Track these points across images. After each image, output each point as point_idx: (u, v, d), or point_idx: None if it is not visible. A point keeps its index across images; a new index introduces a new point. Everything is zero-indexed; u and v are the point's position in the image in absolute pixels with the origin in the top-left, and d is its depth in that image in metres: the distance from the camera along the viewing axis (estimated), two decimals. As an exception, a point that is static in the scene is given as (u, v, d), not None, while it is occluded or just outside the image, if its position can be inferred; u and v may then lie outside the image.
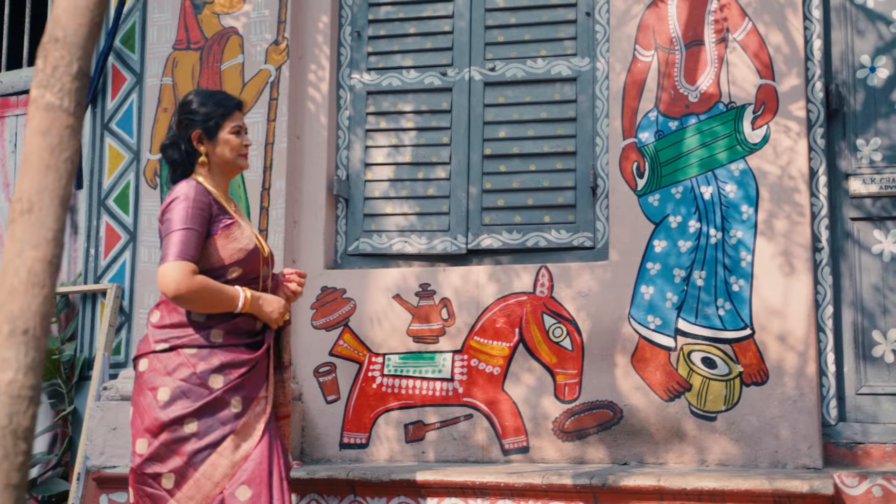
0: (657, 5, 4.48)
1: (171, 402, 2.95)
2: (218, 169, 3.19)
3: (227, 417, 2.98)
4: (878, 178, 4.30)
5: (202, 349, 3.00)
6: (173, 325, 3.04)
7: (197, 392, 2.96)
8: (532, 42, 4.69)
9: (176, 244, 2.96)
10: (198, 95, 3.20)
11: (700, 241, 4.29)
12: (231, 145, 3.16)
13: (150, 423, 2.96)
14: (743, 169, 4.29)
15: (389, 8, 4.86)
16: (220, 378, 2.98)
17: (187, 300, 2.98)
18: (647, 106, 4.43)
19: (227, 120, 3.16)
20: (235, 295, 3.02)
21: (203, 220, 3.01)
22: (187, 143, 3.15)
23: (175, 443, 2.94)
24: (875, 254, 4.28)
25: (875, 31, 4.40)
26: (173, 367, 2.98)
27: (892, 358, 4.21)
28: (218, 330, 3.03)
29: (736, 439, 4.12)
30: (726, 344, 4.19)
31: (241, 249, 3.08)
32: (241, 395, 3.01)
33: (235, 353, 3.03)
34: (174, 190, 3.07)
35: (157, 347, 3.02)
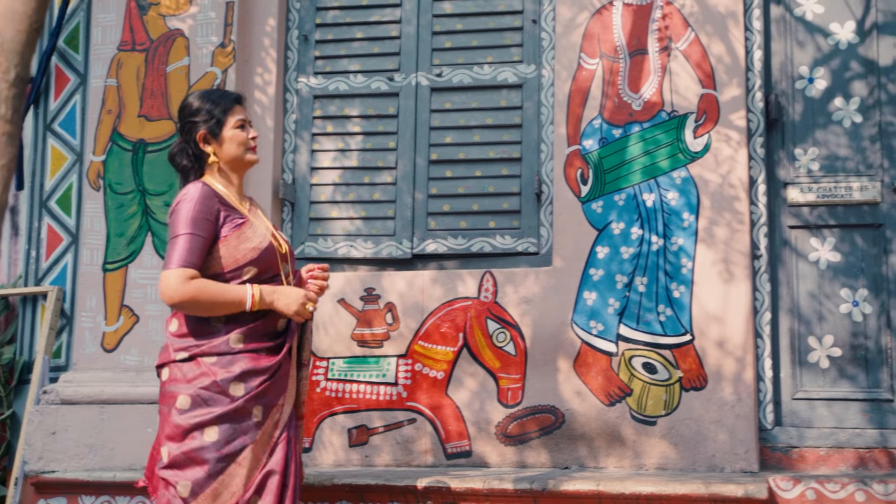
0: (602, 14, 4.53)
1: (190, 410, 2.90)
2: (228, 167, 3.13)
3: (247, 427, 2.93)
4: (816, 187, 4.39)
5: (223, 356, 2.93)
6: (191, 333, 2.97)
7: (217, 400, 2.90)
8: (479, 48, 4.72)
9: (176, 250, 2.92)
10: (195, 97, 3.14)
11: (642, 247, 4.34)
12: (238, 140, 3.11)
13: (170, 430, 2.92)
14: (685, 177, 4.36)
15: (337, 12, 4.86)
16: (241, 386, 2.92)
17: (186, 307, 2.93)
18: (591, 113, 4.48)
19: (229, 115, 3.10)
20: (242, 294, 2.95)
21: (207, 223, 2.95)
22: (194, 146, 3.10)
23: (194, 451, 2.89)
24: (812, 261, 4.36)
25: (814, 43, 4.49)
26: (193, 376, 2.92)
27: (827, 364, 4.29)
28: (237, 334, 2.96)
29: (675, 444, 4.18)
30: (667, 349, 4.25)
31: (253, 248, 3.01)
32: (263, 403, 2.95)
33: (256, 359, 2.96)
34: (180, 194, 3.02)
35: (176, 357, 2.96)
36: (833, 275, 4.33)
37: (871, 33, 4.43)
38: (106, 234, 4.68)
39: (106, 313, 4.62)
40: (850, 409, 4.25)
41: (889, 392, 4.22)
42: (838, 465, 4.14)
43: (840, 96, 4.43)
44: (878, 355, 4.25)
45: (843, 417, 4.25)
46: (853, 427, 4.23)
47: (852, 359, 4.27)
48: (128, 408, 4.46)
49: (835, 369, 4.29)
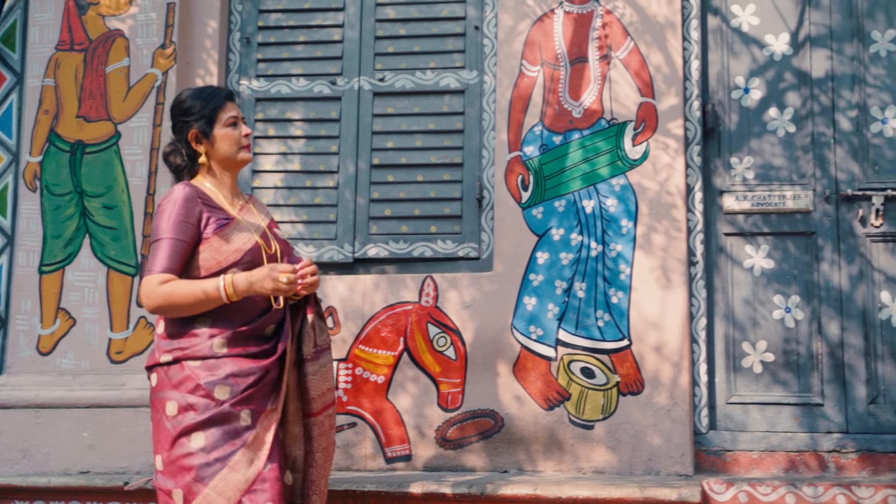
0: (543, 22, 4.58)
1: (178, 415, 2.86)
2: (220, 166, 3.07)
3: (235, 431, 2.86)
4: (751, 195, 4.48)
5: (206, 360, 2.89)
6: (176, 335, 2.93)
7: (203, 405, 2.85)
8: (421, 54, 4.74)
9: (154, 256, 2.90)
10: (186, 95, 3.08)
11: (581, 253, 4.40)
12: (230, 139, 3.05)
13: (161, 437, 2.90)
14: (623, 184, 4.42)
15: (279, 15, 4.85)
16: (226, 389, 2.87)
17: (164, 311, 2.89)
18: (532, 120, 4.52)
19: (221, 112, 3.05)
20: (214, 286, 2.86)
21: (189, 226, 2.90)
22: (186, 145, 3.05)
23: (183, 457, 2.84)
24: (746, 268, 4.45)
25: (749, 54, 4.58)
26: (178, 380, 2.88)
27: (760, 368, 4.38)
28: (221, 339, 2.91)
29: (612, 447, 4.23)
30: (605, 354, 4.30)
31: (236, 250, 2.95)
32: (251, 408, 2.89)
33: (241, 362, 2.90)
34: (164, 196, 2.98)
35: (162, 359, 2.92)
36: (767, 281, 4.42)
37: (805, 45, 4.54)
38: (42, 235, 4.62)
39: (42, 316, 4.56)
40: (782, 414, 4.34)
41: (819, 397, 4.32)
42: (770, 469, 4.23)
43: (774, 106, 4.53)
44: (810, 360, 4.34)
45: (775, 421, 4.34)
46: (785, 431, 4.32)
47: (784, 364, 4.37)
48: (64, 412, 4.41)
49: (768, 374, 4.38)
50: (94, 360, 4.52)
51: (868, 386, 4.29)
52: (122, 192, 4.60)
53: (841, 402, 4.30)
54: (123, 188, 4.60)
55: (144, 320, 4.51)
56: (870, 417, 4.27)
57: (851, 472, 4.17)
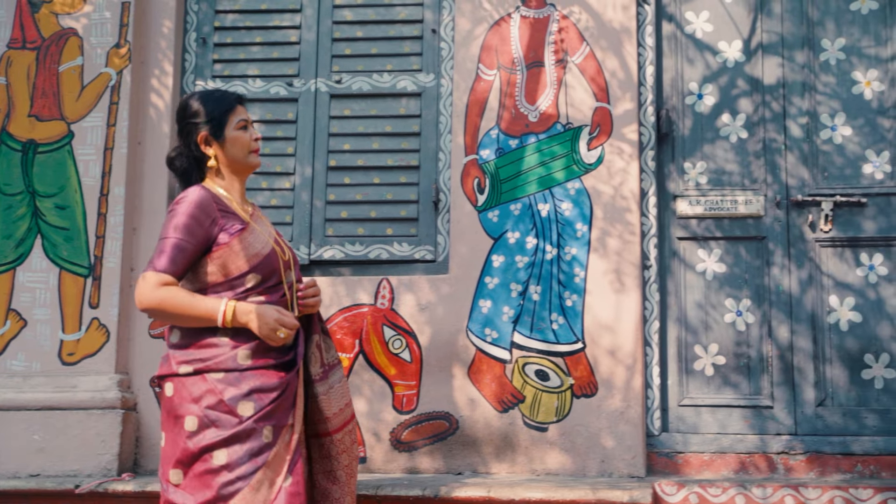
0: (500, 26, 4.60)
1: (198, 432, 2.74)
2: (229, 170, 2.98)
3: (258, 448, 2.76)
4: (704, 199, 4.53)
5: (229, 373, 2.77)
6: (195, 344, 2.80)
7: (225, 421, 2.74)
8: (378, 56, 4.74)
9: (158, 254, 2.78)
10: (194, 97, 2.98)
11: (536, 256, 4.42)
12: (241, 143, 2.97)
13: (180, 454, 2.76)
14: (578, 188, 4.45)
15: (236, 16, 4.83)
16: (249, 405, 2.76)
17: (153, 314, 2.79)
18: (488, 124, 4.54)
19: (231, 115, 2.96)
20: (214, 309, 2.76)
21: (200, 231, 2.80)
22: (194, 148, 2.95)
23: (204, 474, 2.73)
24: (699, 272, 4.51)
25: (703, 61, 4.64)
26: (199, 393, 2.75)
27: (711, 371, 4.44)
28: (245, 350, 2.80)
29: (566, 449, 4.27)
30: (559, 357, 4.34)
31: (255, 255, 2.85)
32: (272, 424, 2.79)
33: (265, 376, 2.79)
34: (177, 198, 2.88)
35: (180, 370, 2.78)
36: (719, 285, 4.48)
37: (757, 53, 4.60)
38: (-7, 236, 4.57)
39: (-8, 317, 4.51)
40: (732, 416, 4.40)
41: (769, 399, 4.38)
42: (721, 470, 4.29)
43: (727, 112, 4.59)
44: (760, 363, 4.41)
45: (726, 423, 4.40)
46: (735, 433, 4.38)
47: (735, 367, 4.43)
48: (13, 414, 4.35)
49: (719, 377, 4.43)
50: (46, 361, 4.47)
51: (816, 388, 4.36)
52: (74, 193, 4.55)
53: (790, 404, 4.36)
54: (76, 188, 4.56)
55: (97, 322, 4.47)
56: (818, 419, 4.35)
57: (800, 473, 4.24)
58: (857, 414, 4.33)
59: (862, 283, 4.41)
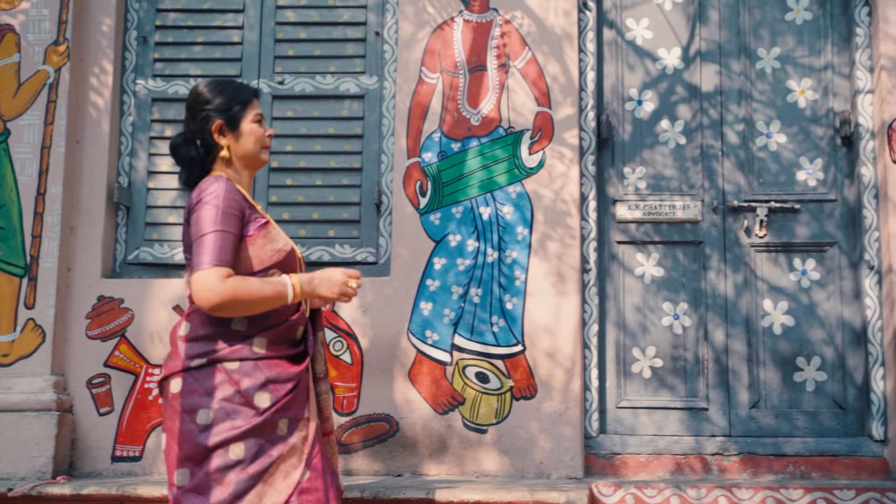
0: (443, 30, 4.62)
1: (213, 425, 2.61)
2: (241, 163, 2.86)
3: (273, 441, 2.65)
4: (643, 204, 4.60)
5: (245, 362, 2.66)
6: (209, 336, 2.69)
7: (242, 412, 2.62)
8: (322, 58, 4.74)
9: (207, 249, 2.63)
10: (210, 86, 2.86)
11: (478, 259, 4.45)
12: (255, 136, 2.85)
13: (190, 450, 2.62)
14: (520, 192, 4.49)
15: (178, 15, 4.79)
16: (266, 396, 2.65)
17: (227, 308, 2.62)
18: (431, 127, 4.56)
19: (249, 108, 2.86)
20: (282, 287, 2.67)
21: (236, 220, 2.68)
22: (208, 136, 2.81)
23: (219, 471, 2.60)
24: (637, 276, 4.57)
25: (643, 67, 4.71)
26: (213, 385, 2.63)
27: (649, 374, 4.50)
28: (261, 338, 2.69)
29: (505, 451, 4.30)
30: (499, 359, 4.37)
31: (279, 251, 2.77)
32: (288, 416, 2.68)
33: (280, 366, 2.69)
34: (201, 188, 2.73)
35: (192, 364, 2.66)
36: (657, 289, 4.55)
37: (695, 60, 4.68)
38: (-75, 235, 4.48)
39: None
40: (669, 418, 4.47)
41: (705, 401, 4.46)
42: (657, 471, 4.35)
43: (666, 118, 4.66)
44: (696, 366, 4.48)
45: (662, 425, 4.47)
46: (672, 434, 4.45)
47: (672, 369, 4.50)
48: (-55, 417, 4.28)
49: (656, 379, 4.50)
50: (-21, 363, 4.40)
51: (750, 391, 4.44)
52: (10, 191, 4.49)
53: (725, 406, 4.44)
54: (12, 187, 4.49)
55: (33, 322, 4.41)
56: (751, 421, 4.43)
57: (733, 474, 4.32)
58: (789, 416, 4.42)
59: (795, 287, 4.50)
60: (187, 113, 2.88)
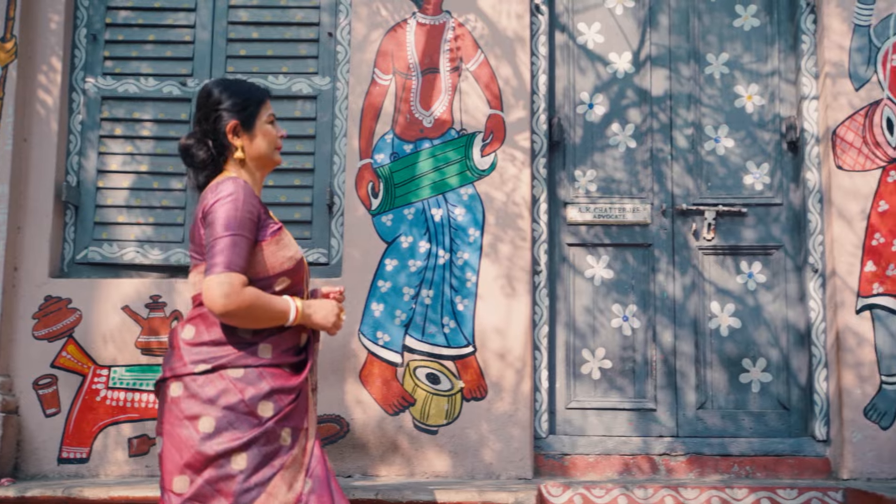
0: (396, 31, 4.63)
1: (215, 434, 2.55)
2: (254, 164, 2.79)
3: (276, 452, 2.60)
4: (593, 207, 4.64)
5: (249, 369, 2.61)
6: (214, 342, 2.63)
7: (245, 422, 2.57)
8: (274, 58, 4.72)
9: (224, 253, 2.56)
10: (222, 85, 2.78)
11: (429, 261, 4.47)
12: (269, 137, 2.80)
13: (190, 457, 2.56)
14: (471, 194, 4.51)
15: (128, 13, 4.75)
16: (269, 406, 2.60)
17: (237, 317, 2.58)
18: (383, 128, 4.57)
19: (262, 108, 2.80)
20: (286, 307, 2.66)
21: (252, 224, 2.62)
22: (221, 137, 2.74)
23: (220, 480, 2.54)
24: (587, 278, 4.61)
25: (594, 71, 4.75)
26: (216, 392, 2.58)
27: (598, 375, 4.55)
28: (266, 344, 2.65)
29: (455, 452, 4.32)
30: (450, 361, 4.39)
31: (291, 258, 2.71)
32: (290, 426, 2.64)
33: (283, 376, 2.65)
34: (217, 189, 2.65)
35: (195, 369, 2.60)
36: (606, 291, 4.59)
37: (646, 65, 4.73)
38: None
39: None
40: (618, 418, 4.52)
41: (653, 402, 4.51)
42: (605, 471, 4.39)
43: (617, 122, 4.71)
44: (645, 367, 4.53)
45: (611, 426, 4.51)
46: (620, 435, 4.50)
47: (621, 370, 4.54)
48: None
49: (605, 381, 4.54)
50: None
51: (697, 392, 4.51)
52: (-44, 190, 4.43)
53: (672, 407, 4.50)
54: (-42, 185, 4.43)
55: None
56: (698, 422, 4.49)
57: (680, 474, 4.37)
58: (734, 416, 4.48)
59: (741, 290, 4.57)
60: (198, 113, 2.80)
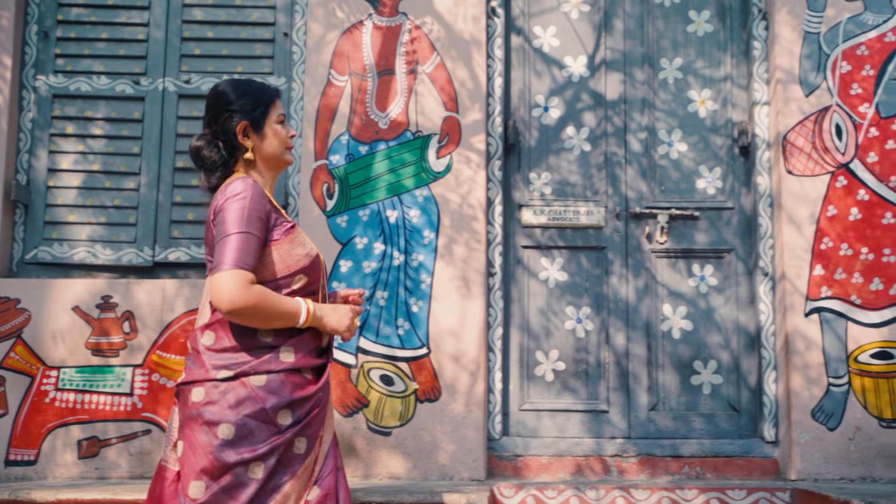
0: (352, 33, 4.62)
1: (235, 442, 2.53)
2: (265, 165, 2.77)
3: (291, 460, 2.59)
4: (548, 209, 4.67)
5: (272, 376, 2.58)
6: (236, 347, 2.61)
7: (264, 430, 2.55)
8: (229, 58, 4.70)
9: (231, 251, 2.54)
10: (232, 85, 2.76)
11: (384, 262, 4.46)
12: (280, 137, 2.77)
13: (208, 464, 2.53)
14: (427, 195, 4.51)
15: (81, 10, 4.70)
16: (289, 415, 2.59)
17: (244, 315, 2.55)
18: (339, 129, 4.56)
19: (272, 108, 2.77)
20: (297, 308, 2.62)
21: (262, 223, 2.60)
22: (231, 137, 2.71)
23: (235, 488, 2.52)
24: (542, 280, 4.63)
25: (550, 74, 4.77)
26: (237, 400, 2.55)
27: (552, 377, 4.57)
28: (288, 347, 2.62)
29: (409, 454, 4.32)
30: (404, 362, 4.39)
31: (306, 255, 2.69)
32: (307, 435, 2.62)
33: (304, 384, 2.62)
34: (226, 190, 2.63)
35: (218, 375, 2.57)
36: (560, 293, 4.62)
37: (601, 69, 4.76)
38: None
39: None
40: (571, 420, 4.54)
41: (605, 404, 4.54)
42: (558, 473, 4.42)
43: (572, 125, 4.74)
44: (598, 369, 4.56)
45: (564, 427, 4.54)
46: (573, 436, 4.52)
47: (575, 372, 4.57)
48: None
49: (559, 382, 4.57)
50: None
51: (649, 393, 4.55)
52: None
53: (625, 408, 4.54)
54: None
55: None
56: (650, 423, 4.53)
57: (632, 475, 4.41)
58: (686, 418, 4.53)
59: (693, 292, 4.62)
60: (208, 113, 2.78)
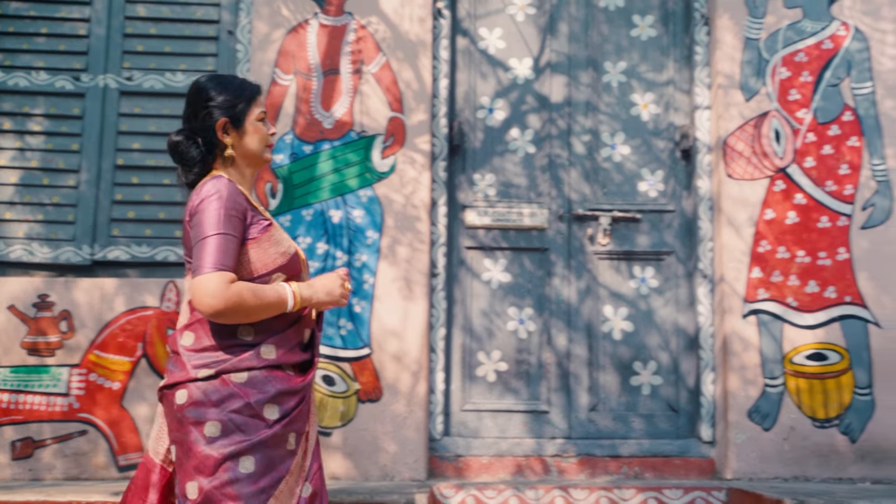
0: (298, 32, 4.61)
1: (221, 437, 2.50)
2: (244, 162, 2.72)
3: (283, 456, 2.55)
4: (491, 210, 4.68)
5: (253, 372, 2.55)
6: (214, 346, 2.58)
7: (252, 425, 2.52)
8: (172, 55, 4.65)
9: (210, 253, 2.51)
10: (212, 81, 2.71)
11: (327, 262, 4.45)
12: (260, 134, 2.72)
13: (199, 462, 2.49)
14: (371, 196, 4.51)
15: (19, 4, 4.64)
16: (275, 409, 2.54)
17: (229, 314, 2.52)
18: (283, 129, 4.54)
19: (253, 105, 2.72)
20: (283, 296, 2.58)
21: (238, 222, 2.57)
22: (210, 134, 2.66)
23: (229, 484, 2.47)
24: (485, 281, 4.65)
25: (495, 76, 4.79)
26: (220, 398, 2.52)
27: (494, 377, 4.59)
28: (269, 345, 2.59)
29: (350, 454, 4.31)
30: (346, 362, 4.38)
31: (283, 253, 2.65)
32: (295, 430, 2.58)
33: (288, 379, 2.58)
34: (201, 190, 2.58)
35: (199, 374, 2.53)
36: (503, 294, 4.64)
37: (546, 71, 4.79)
38: None
39: None
40: (512, 420, 4.56)
41: (546, 404, 4.57)
42: (499, 473, 4.43)
43: (516, 127, 4.76)
44: (539, 370, 4.59)
45: (505, 428, 4.56)
46: (514, 437, 4.54)
47: (516, 373, 4.59)
48: None
49: (501, 383, 4.59)
50: None
51: (590, 394, 4.58)
52: None
53: (566, 409, 4.56)
54: None
55: None
56: (590, 424, 4.56)
57: (572, 475, 4.44)
58: (625, 418, 4.57)
59: (634, 294, 4.66)
60: (188, 109, 2.74)
